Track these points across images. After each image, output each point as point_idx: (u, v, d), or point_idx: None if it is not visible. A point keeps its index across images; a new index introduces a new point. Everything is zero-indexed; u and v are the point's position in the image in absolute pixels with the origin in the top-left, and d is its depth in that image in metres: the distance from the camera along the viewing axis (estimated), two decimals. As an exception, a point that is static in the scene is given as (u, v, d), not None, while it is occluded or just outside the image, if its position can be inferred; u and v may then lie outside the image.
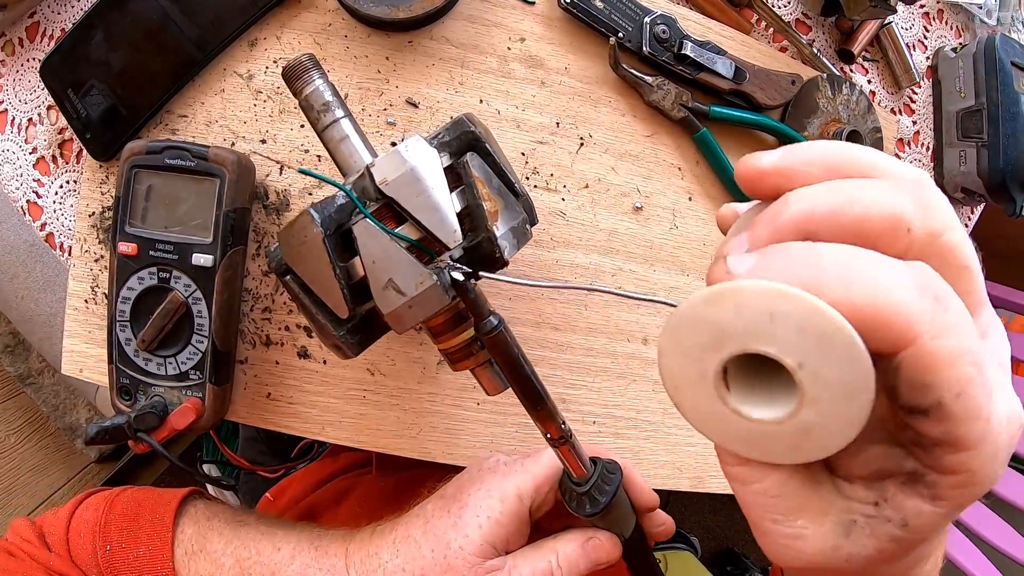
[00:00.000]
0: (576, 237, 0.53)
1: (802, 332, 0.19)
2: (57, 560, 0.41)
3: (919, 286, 0.19)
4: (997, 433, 0.20)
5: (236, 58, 0.49)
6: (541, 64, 0.52)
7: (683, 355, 0.22)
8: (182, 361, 0.46)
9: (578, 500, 0.38)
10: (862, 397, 0.20)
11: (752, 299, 0.19)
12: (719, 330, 0.20)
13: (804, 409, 0.20)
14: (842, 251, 0.20)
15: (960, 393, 0.19)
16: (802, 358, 0.19)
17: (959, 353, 0.19)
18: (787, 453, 0.22)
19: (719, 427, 0.23)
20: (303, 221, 0.34)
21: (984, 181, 0.62)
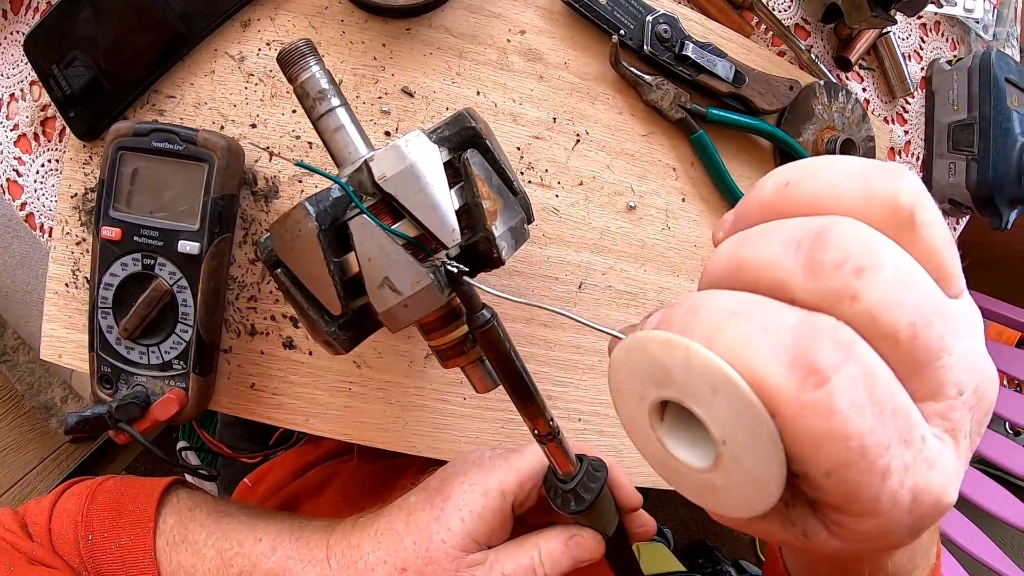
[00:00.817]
0: (568, 234, 0.52)
1: (737, 418, 0.19)
2: (39, 549, 0.41)
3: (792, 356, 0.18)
4: (892, 513, 0.19)
5: (228, 38, 0.47)
6: (540, 58, 0.51)
7: (631, 373, 0.22)
8: (165, 350, 0.45)
9: (563, 497, 0.38)
10: (766, 496, 0.20)
11: (700, 366, 0.19)
12: (666, 374, 0.20)
13: (715, 473, 0.20)
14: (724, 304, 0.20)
15: (828, 473, 0.18)
16: (727, 438, 0.19)
17: (828, 436, 0.18)
18: (692, 494, 0.22)
19: (643, 444, 0.23)
20: (297, 215, 0.33)
21: (972, 194, 0.63)
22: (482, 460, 0.42)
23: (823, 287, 0.18)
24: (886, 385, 0.18)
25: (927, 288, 0.19)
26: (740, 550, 1.50)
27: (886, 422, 0.18)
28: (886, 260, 0.18)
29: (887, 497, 0.18)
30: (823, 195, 0.20)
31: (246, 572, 0.40)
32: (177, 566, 0.41)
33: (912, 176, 0.20)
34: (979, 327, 0.21)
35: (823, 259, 0.18)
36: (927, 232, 0.19)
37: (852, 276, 0.18)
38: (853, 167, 0.20)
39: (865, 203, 0.19)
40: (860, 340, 0.18)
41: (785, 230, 0.20)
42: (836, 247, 0.18)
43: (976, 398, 0.20)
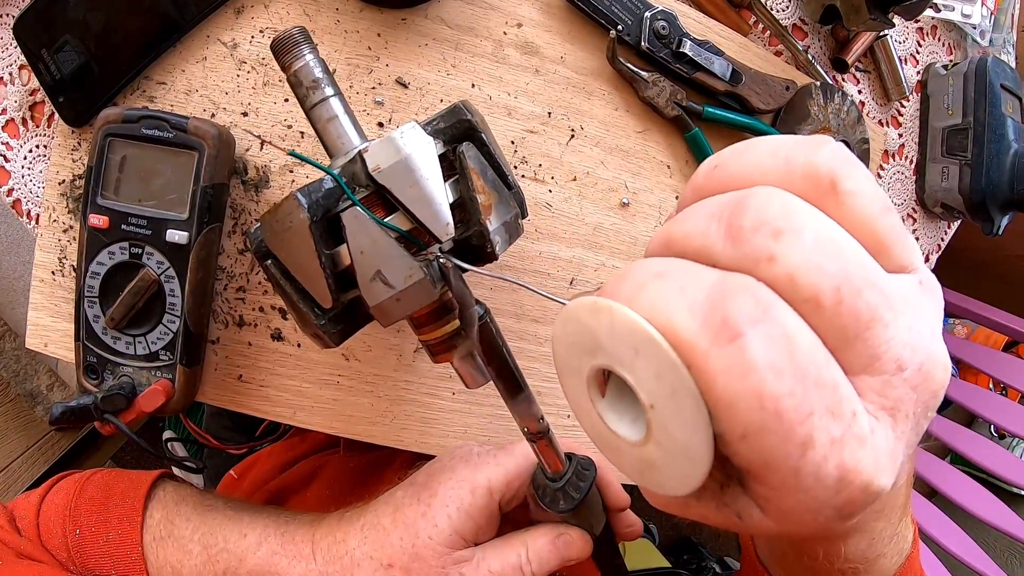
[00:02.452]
0: (561, 230, 0.52)
1: (659, 379, 0.19)
2: (28, 544, 0.40)
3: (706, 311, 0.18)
4: (815, 490, 0.18)
5: (221, 25, 0.46)
6: (537, 52, 0.50)
7: (567, 347, 0.22)
8: (152, 341, 0.44)
9: (552, 496, 0.38)
10: (697, 464, 0.19)
11: (621, 326, 0.19)
12: (595, 340, 0.20)
13: (650, 446, 0.20)
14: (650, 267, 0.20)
15: (744, 436, 0.18)
16: (655, 401, 0.19)
17: (740, 394, 0.17)
18: (634, 474, 0.22)
19: (587, 421, 0.23)
20: (289, 206, 0.33)
21: (964, 199, 0.63)
22: (470, 456, 0.42)
23: (742, 250, 0.18)
24: (809, 350, 0.17)
25: (855, 256, 0.18)
26: (725, 547, 1.51)
27: (808, 389, 0.17)
28: (807, 224, 0.18)
29: (809, 471, 0.17)
30: (747, 172, 0.20)
31: (232, 568, 0.40)
32: (164, 561, 0.41)
33: (835, 146, 0.19)
34: (932, 308, 0.20)
35: (741, 223, 0.18)
36: (852, 201, 0.19)
37: (770, 238, 0.18)
38: (776, 143, 0.20)
39: (787, 176, 0.19)
40: (780, 302, 0.18)
41: (710, 204, 0.20)
42: (754, 211, 0.18)
43: (920, 376, 0.19)
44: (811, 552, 0.32)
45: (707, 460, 0.19)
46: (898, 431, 0.19)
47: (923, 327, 0.19)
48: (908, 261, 0.20)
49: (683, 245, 0.20)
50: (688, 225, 0.20)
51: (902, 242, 0.20)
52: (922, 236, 0.69)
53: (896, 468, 0.19)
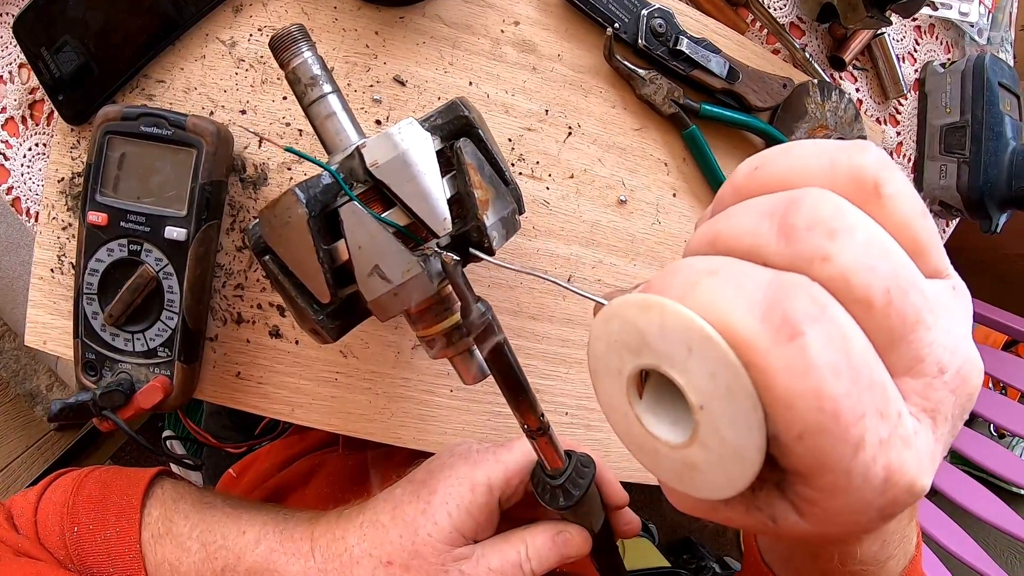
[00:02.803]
0: (559, 227, 0.52)
1: (713, 378, 0.18)
2: (25, 542, 0.40)
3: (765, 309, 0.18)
4: (863, 491, 0.18)
5: (219, 23, 0.47)
6: (534, 49, 0.51)
7: (608, 346, 0.21)
8: (151, 338, 0.45)
9: (551, 493, 0.38)
10: (747, 466, 0.19)
11: (674, 324, 0.19)
12: (642, 339, 0.20)
13: (694, 448, 0.20)
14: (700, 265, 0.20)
15: (800, 436, 0.18)
16: (705, 402, 0.19)
17: (800, 393, 0.17)
18: (671, 477, 0.21)
19: (622, 424, 0.22)
20: (287, 201, 0.33)
21: (962, 197, 0.63)
22: (469, 453, 0.42)
23: (796, 249, 0.18)
24: (862, 351, 0.18)
25: (900, 258, 0.18)
26: (724, 546, 1.51)
27: (862, 390, 0.17)
28: (858, 225, 0.18)
29: (859, 471, 0.18)
30: (791, 173, 0.21)
31: (230, 565, 0.40)
32: (162, 559, 0.41)
33: (877, 151, 0.20)
34: (965, 312, 0.20)
35: (795, 222, 0.18)
36: (894, 204, 0.19)
37: (824, 238, 0.18)
38: (818, 146, 0.21)
39: (831, 178, 0.20)
40: (835, 302, 0.18)
41: (759, 203, 0.20)
42: (808, 211, 0.18)
43: (959, 380, 0.19)
44: (827, 554, 0.32)
45: (758, 462, 0.18)
46: (938, 433, 0.19)
47: (959, 331, 0.19)
48: (943, 266, 0.20)
49: (733, 243, 0.20)
50: (737, 223, 0.20)
51: (937, 247, 0.20)
52: (920, 234, 0.69)
53: (935, 469, 0.19)
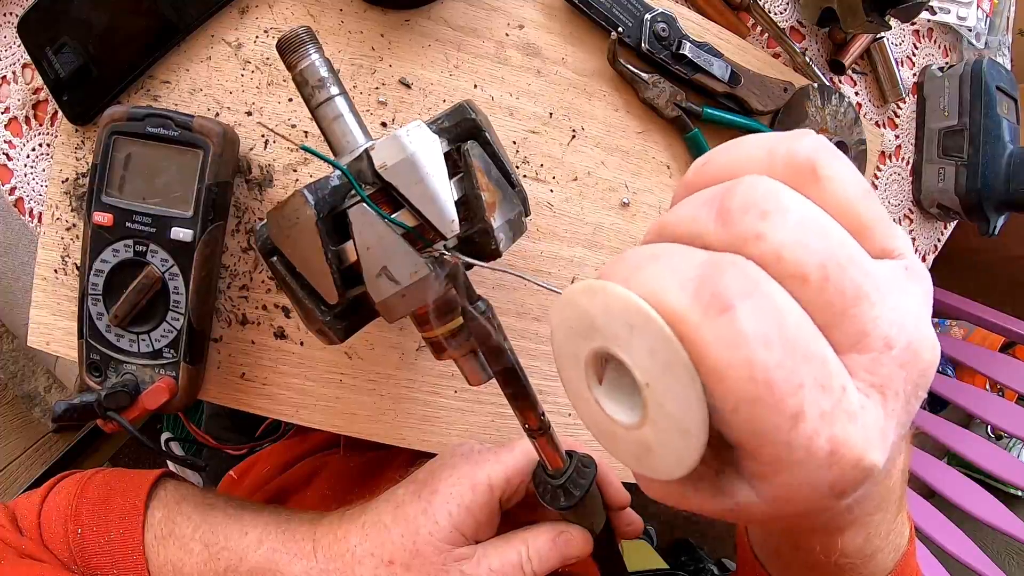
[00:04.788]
0: (562, 229, 0.53)
1: (653, 354, 0.19)
2: (30, 544, 0.41)
3: (696, 286, 0.18)
4: (807, 465, 0.18)
5: (225, 25, 0.47)
6: (538, 53, 0.51)
7: (565, 333, 0.22)
8: (156, 338, 0.45)
9: (552, 493, 0.38)
10: (693, 441, 0.19)
11: (615, 304, 0.20)
12: (591, 323, 0.21)
13: (646, 427, 0.20)
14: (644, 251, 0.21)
15: (735, 408, 0.18)
16: (650, 379, 0.19)
17: (731, 364, 0.18)
18: (630, 459, 0.22)
19: (585, 410, 0.23)
20: (296, 202, 0.33)
21: (960, 199, 0.64)
22: (470, 454, 0.42)
23: (731, 231, 0.19)
24: (796, 324, 0.18)
25: (838, 236, 0.19)
26: (723, 548, 1.51)
27: (797, 361, 0.18)
28: (792, 206, 0.19)
29: (801, 444, 0.18)
30: (733, 164, 0.22)
31: (232, 566, 0.40)
32: (165, 560, 0.41)
33: (815, 137, 0.21)
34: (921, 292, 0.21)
35: (730, 206, 0.19)
36: (832, 186, 0.20)
37: (757, 219, 0.19)
38: (760, 139, 0.22)
39: (770, 165, 0.21)
40: (768, 278, 0.18)
41: (702, 194, 0.21)
42: (741, 195, 0.19)
43: (909, 354, 0.19)
44: (807, 546, 0.31)
45: (702, 435, 0.19)
46: (888, 409, 0.19)
47: (910, 308, 0.20)
48: (892, 246, 0.21)
49: (675, 230, 0.21)
50: (681, 212, 0.21)
51: (884, 226, 0.21)
52: (919, 237, 0.69)
53: (887, 446, 0.19)
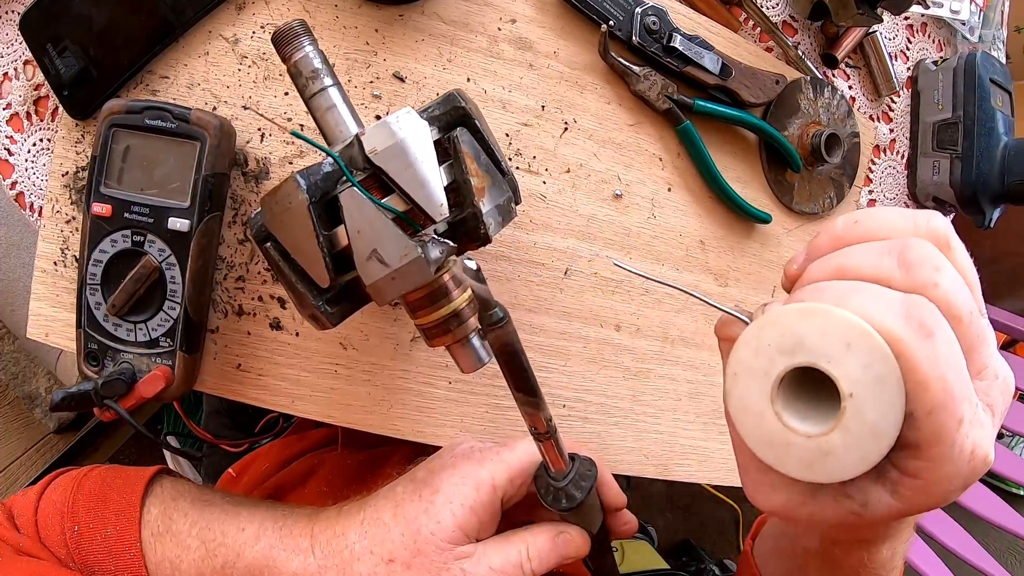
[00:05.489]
0: (555, 221, 0.54)
1: (866, 369, 0.24)
2: (26, 541, 0.41)
3: (906, 315, 0.24)
4: (958, 461, 0.24)
5: (222, 21, 0.48)
6: (531, 47, 0.52)
7: (757, 350, 0.26)
8: (153, 328, 0.46)
9: (555, 494, 0.39)
10: (884, 442, 0.24)
11: (836, 325, 0.24)
12: (799, 341, 0.25)
13: (835, 433, 0.24)
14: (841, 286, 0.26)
15: (930, 412, 0.24)
16: (855, 390, 0.24)
17: (935, 378, 0.23)
18: (797, 467, 0.26)
19: (754, 422, 0.26)
20: (288, 187, 0.34)
21: (956, 192, 0.64)
22: (472, 453, 0.43)
23: (914, 276, 0.25)
24: (959, 353, 0.24)
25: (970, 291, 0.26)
26: (724, 549, 1.51)
27: (962, 380, 0.24)
28: (948, 264, 0.25)
29: (959, 443, 0.24)
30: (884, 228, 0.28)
31: (229, 562, 0.41)
32: (162, 556, 0.42)
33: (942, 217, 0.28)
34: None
35: (910, 259, 0.25)
36: (960, 254, 0.27)
37: (933, 271, 0.25)
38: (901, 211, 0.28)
39: (915, 232, 0.27)
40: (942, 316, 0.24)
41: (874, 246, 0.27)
42: (919, 251, 0.25)
43: (1006, 385, 0.27)
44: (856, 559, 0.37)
45: (894, 437, 0.24)
46: (995, 422, 0.26)
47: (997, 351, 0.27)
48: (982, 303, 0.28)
49: (860, 272, 0.26)
50: (862, 258, 0.27)
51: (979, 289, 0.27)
52: (915, 230, 0.70)
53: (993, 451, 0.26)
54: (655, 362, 0.59)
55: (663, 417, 0.60)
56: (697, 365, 0.60)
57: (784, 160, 0.58)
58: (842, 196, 0.62)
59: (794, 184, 0.60)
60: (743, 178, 0.59)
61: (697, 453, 0.62)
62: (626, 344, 0.57)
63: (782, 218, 0.61)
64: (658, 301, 0.58)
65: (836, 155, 0.59)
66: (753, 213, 0.58)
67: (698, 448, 0.62)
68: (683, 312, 0.59)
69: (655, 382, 0.59)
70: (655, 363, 0.59)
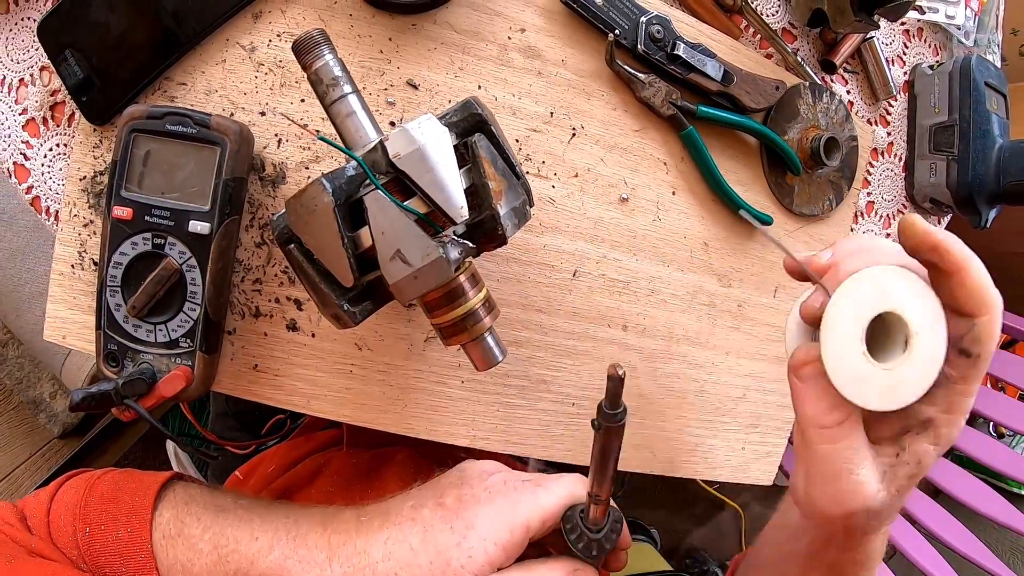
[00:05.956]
0: (564, 224, 0.56)
1: (924, 312, 0.33)
2: (38, 542, 0.42)
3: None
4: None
5: (239, 29, 0.50)
6: (539, 55, 0.54)
7: (856, 302, 0.34)
8: (173, 329, 0.47)
9: (585, 542, 0.40)
10: (936, 367, 0.33)
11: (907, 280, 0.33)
12: (884, 292, 0.33)
13: (905, 365, 0.33)
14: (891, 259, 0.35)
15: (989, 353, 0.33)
16: (919, 329, 0.33)
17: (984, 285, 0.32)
18: (879, 399, 0.33)
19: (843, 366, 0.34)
20: (314, 190, 0.36)
21: (952, 193, 0.67)
22: (506, 489, 0.43)
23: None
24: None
25: None
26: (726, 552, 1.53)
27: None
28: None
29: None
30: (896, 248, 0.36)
31: (242, 570, 0.41)
32: (174, 560, 0.42)
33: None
34: None
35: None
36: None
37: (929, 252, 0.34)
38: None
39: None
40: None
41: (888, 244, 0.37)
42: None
43: None
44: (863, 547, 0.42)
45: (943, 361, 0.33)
46: None
47: None
48: None
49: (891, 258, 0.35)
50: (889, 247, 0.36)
51: None
52: (913, 232, 0.73)
53: None
54: (661, 361, 0.61)
55: (669, 415, 0.62)
56: (702, 363, 0.62)
57: (784, 164, 0.61)
58: (841, 198, 0.65)
59: (794, 187, 0.62)
60: (745, 181, 0.61)
61: (702, 450, 0.64)
62: (633, 343, 0.59)
63: (783, 220, 0.64)
64: (663, 301, 0.60)
65: (835, 158, 0.61)
66: (755, 215, 0.60)
67: (704, 446, 0.64)
68: (687, 312, 0.61)
69: (661, 380, 0.61)
70: (661, 362, 0.61)
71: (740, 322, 0.64)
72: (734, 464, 0.66)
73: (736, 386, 0.65)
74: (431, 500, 0.43)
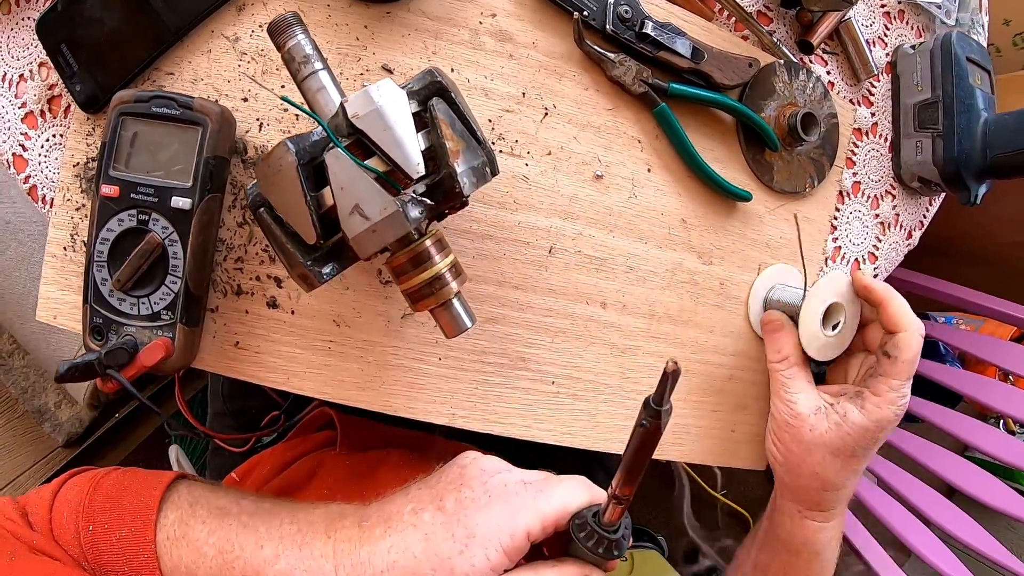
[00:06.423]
0: (538, 201, 0.59)
1: (851, 303, 0.62)
2: (40, 539, 0.43)
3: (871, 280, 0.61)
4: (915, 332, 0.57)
5: (224, 21, 0.55)
6: (510, 38, 0.58)
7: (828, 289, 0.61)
8: (155, 301, 0.51)
9: (597, 540, 0.42)
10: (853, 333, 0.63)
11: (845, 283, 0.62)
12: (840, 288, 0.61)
13: (836, 335, 0.62)
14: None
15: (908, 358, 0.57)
16: (848, 315, 0.62)
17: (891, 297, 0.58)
18: (823, 354, 0.62)
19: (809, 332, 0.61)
20: (279, 151, 0.40)
21: (939, 170, 0.68)
22: (507, 493, 0.44)
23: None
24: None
25: None
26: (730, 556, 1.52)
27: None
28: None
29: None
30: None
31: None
32: (178, 561, 0.44)
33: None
34: None
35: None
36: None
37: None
38: None
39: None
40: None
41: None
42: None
43: None
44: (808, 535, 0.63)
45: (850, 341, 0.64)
46: None
47: None
48: None
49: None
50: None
51: None
52: (903, 213, 0.74)
53: None
54: (642, 339, 0.63)
55: (653, 396, 0.63)
56: (685, 342, 0.64)
57: (762, 141, 0.63)
58: (823, 176, 0.67)
59: (774, 164, 0.64)
60: (722, 158, 0.64)
61: (690, 433, 0.65)
62: (613, 321, 0.61)
63: (763, 197, 0.66)
64: (642, 279, 0.62)
65: (813, 134, 0.63)
66: (733, 191, 0.62)
67: (690, 427, 0.65)
68: (668, 290, 0.63)
69: (643, 359, 0.63)
70: (642, 340, 0.63)
71: (724, 300, 0.65)
72: (724, 447, 0.67)
73: (723, 366, 0.66)
74: (431, 503, 0.45)
